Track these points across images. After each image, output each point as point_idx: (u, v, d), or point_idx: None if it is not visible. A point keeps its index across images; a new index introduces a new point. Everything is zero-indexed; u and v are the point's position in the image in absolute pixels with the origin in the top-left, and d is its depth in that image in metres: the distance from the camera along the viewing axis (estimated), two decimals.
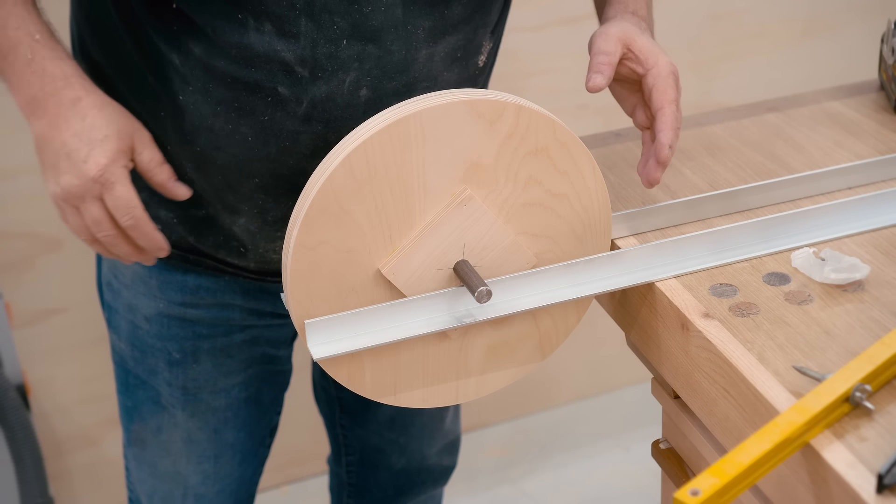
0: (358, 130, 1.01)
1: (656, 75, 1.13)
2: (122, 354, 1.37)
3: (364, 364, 1.07)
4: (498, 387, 1.15)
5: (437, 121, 1.01)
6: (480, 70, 1.24)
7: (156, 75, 1.15)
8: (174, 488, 1.41)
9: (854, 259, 1.08)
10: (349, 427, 1.62)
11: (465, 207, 1.05)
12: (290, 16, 1.09)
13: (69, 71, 1.10)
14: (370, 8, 1.10)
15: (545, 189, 1.07)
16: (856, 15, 2.38)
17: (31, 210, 1.91)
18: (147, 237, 1.11)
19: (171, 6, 1.11)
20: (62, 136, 1.08)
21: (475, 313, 1.07)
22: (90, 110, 1.08)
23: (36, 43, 1.09)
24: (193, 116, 1.15)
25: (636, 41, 1.14)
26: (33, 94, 1.09)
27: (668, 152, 1.12)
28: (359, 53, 1.12)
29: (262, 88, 1.12)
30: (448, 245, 1.06)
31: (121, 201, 1.08)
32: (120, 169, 1.08)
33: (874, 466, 0.86)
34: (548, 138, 1.05)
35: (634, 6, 1.22)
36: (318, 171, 1.02)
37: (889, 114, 1.39)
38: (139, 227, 1.10)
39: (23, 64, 1.09)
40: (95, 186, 1.07)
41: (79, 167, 1.07)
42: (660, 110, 1.12)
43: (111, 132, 1.08)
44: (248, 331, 1.34)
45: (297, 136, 1.15)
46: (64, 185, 1.08)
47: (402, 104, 1.02)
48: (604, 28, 1.16)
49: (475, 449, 2.37)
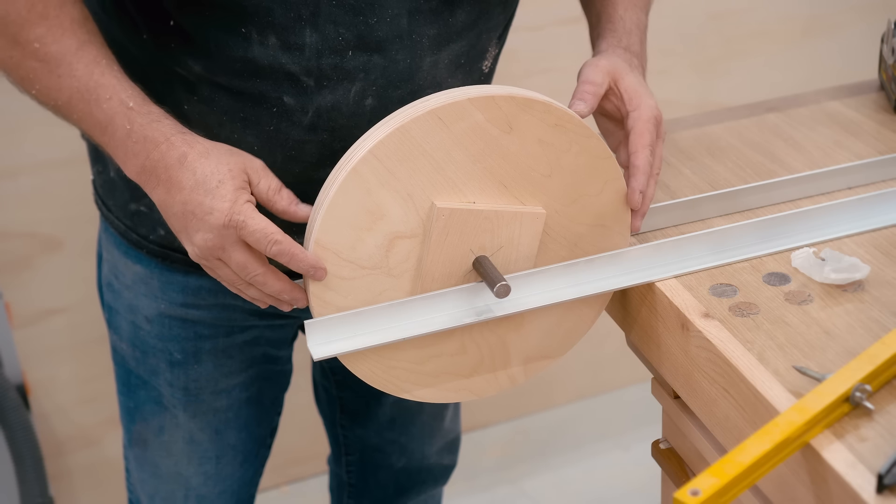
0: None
1: (636, 118, 1.12)
2: (123, 355, 1.37)
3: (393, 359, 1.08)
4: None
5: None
6: (486, 76, 1.24)
7: (162, 84, 1.15)
8: (176, 489, 1.41)
9: (854, 259, 1.08)
10: (349, 427, 1.62)
11: (533, 220, 1.07)
12: (294, 28, 1.08)
13: (168, 131, 1.07)
14: (375, 19, 1.10)
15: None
16: (856, 15, 2.38)
17: (31, 210, 1.91)
18: (296, 259, 1.04)
19: (168, 24, 1.10)
20: (181, 196, 1.05)
21: (493, 308, 1.09)
22: (198, 162, 1.05)
23: (131, 111, 1.07)
24: (199, 126, 1.14)
25: (624, 79, 1.14)
26: (141, 163, 1.07)
27: (639, 198, 1.11)
28: (364, 64, 1.11)
29: (267, 99, 1.12)
30: (488, 238, 1.07)
31: (258, 234, 1.03)
32: (244, 206, 1.04)
33: (874, 466, 0.86)
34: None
35: (627, 41, 1.21)
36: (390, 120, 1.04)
37: (889, 114, 1.39)
38: (286, 252, 1.03)
39: (123, 136, 1.07)
40: (229, 232, 1.04)
41: (206, 221, 1.04)
42: (633, 154, 1.11)
43: (223, 175, 1.05)
44: (248, 331, 1.34)
45: (302, 145, 1.15)
46: (199, 243, 1.05)
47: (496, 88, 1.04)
48: (594, 59, 1.16)
49: (475, 449, 2.37)
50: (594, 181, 1.09)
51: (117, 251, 1.32)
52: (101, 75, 1.07)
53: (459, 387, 1.14)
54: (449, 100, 1.01)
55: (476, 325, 1.09)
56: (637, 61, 1.19)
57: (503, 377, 1.15)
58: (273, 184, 1.08)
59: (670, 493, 1.23)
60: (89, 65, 1.07)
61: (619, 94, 1.14)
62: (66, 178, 1.88)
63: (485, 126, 1.02)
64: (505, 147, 1.04)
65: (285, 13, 1.07)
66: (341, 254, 1.03)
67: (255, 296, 1.09)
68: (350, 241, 1.03)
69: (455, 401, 1.16)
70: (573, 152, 1.06)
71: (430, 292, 1.07)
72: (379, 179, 1.02)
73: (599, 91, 1.12)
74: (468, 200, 1.05)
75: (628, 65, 1.16)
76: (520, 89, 1.04)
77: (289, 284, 1.07)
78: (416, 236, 1.05)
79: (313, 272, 1.04)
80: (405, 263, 1.06)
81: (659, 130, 1.14)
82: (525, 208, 1.07)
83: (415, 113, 1.01)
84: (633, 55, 1.19)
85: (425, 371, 1.11)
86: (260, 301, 1.10)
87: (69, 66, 1.07)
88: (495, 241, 1.07)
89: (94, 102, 1.07)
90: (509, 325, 1.12)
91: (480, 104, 1.02)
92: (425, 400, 1.14)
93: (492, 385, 1.15)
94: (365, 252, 1.04)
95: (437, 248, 1.05)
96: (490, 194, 1.06)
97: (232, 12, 1.07)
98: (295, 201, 1.08)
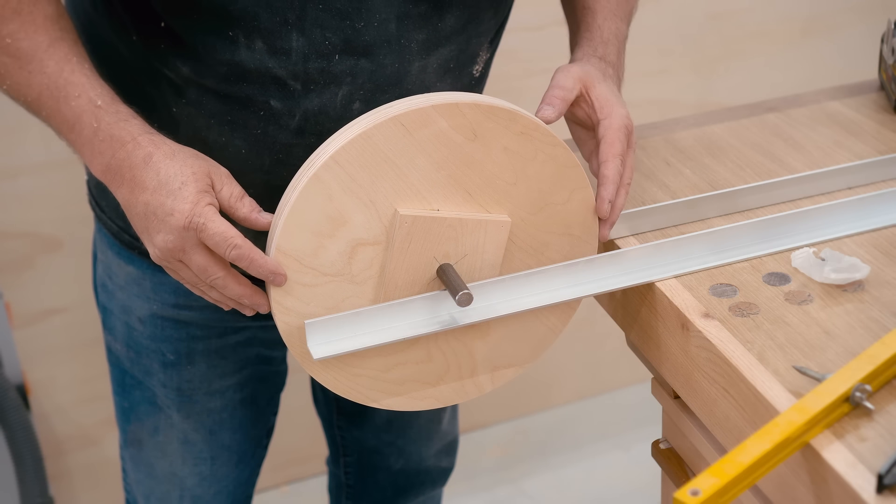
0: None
1: (607, 126, 1.12)
2: (117, 356, 1.37)
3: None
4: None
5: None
6: (477, 80, 1.23)
7: (151, 86, 1.15)
8: (171, 489, 1.41)
9: (854, 259, 1.08)
10: (346, 429, 1.62)
11: (498, 228, 1.06)
12: (281, 32, 1.08)
13: (135, 130, 1.07)
14: (363, 23, 1.09)
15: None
16: (856, 15, 2.38)
17: (31, 210, 1.91)
18: (256, 263, 1.03)
19: (159, 25, 1.10)
20: (144, 197, 1.05)
21: (457, 318, 1.07)
22: (162, 163, 1.05)
23: (98, 109, 1.07)
24: (187, 128, 1.14)
25: (595, 87, 1.13)
26: (106, 162, 1.06)
27: (607, 207, 1.10)
28: (351, 68, 1.11)
29: (254, 102, 1.12)
30: (452, 246, 1.06)
31: (218, 237, 1.03)
32: (205, 208, 1.03)
33: (874, 466, 0.86)
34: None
35: (603, 51, 1.20)
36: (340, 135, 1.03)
37: (889, 114, 1.39)
38: (245, 256, 1.03)
39: (90, 134, 1.07)
40: (189, 234, 1.03)
41: (167, 221, 1.03)
42: (603, 163, 1.11)
43: (187, 177, 1.04)
44: (242, 332, 1.34)
45: (290, 149, 1.15)
46: (160, 244, 1.05)
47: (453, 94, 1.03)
48: (567, 65, 1.15)
49: (475, 449, 2.37)
50: (561, 190, 1.08)
51: (111, 252, 1.32)
52: (71, 73, 1.07)
53: (426, 395, 1.13)
54: (412, 106, 1.00)
55: (441, 332, 1.08)
56: (612, 70, 1.19)
57: (470, 385, 1.14)
58: (236, 191, 1.07)
59: (670, 493, 1.23)
60: (60, 62, 1.07)
61: (590, 102, 1.13)
62: (66, 178, 1.88)
63: (449, 133, 1.02)
64: (469, 154, 1.03)
65: (271, 17, 1.07)
66: (303, 260, 1.03)
67: (218, 298, 1.09)
68: (312, 247, 1.03)
69: (421, 409, 1.14)
70: (539, 160, 1.06)
71: (400, 299, 1.06)
72: (341, 186, 1.01)
73: (569, 96, 1.11)
74: (432, 208, 1.04)
75: (602, 73, 1.15)
76: (485, 97, 1.03)
77: (250, 289, 1.07)
78: (379, 243, 1.04)
79: (273, 278, 1.03)
80: (368, 271, 1.05)
81: (630, 140, 1.13)
82: (490, 216, 1.06)
83: (378, 119, 1.00)
84: (608, 65, 1.19)
85: (390, 379, 1.10)
86: (223, 303, 1.10)
87: (40, 63, 1.07)
88: (459, 249, 1.06)
89: (62, 100, 1.07)
90: (475, 332, 1.11)
91: (444, 111, 1.01)
92: (391, 408, 1.13)
93: (458, 393, 1.14)
94: (327, 259, 1.03)
95: (400, 255, 1.04)
96: (454, 202, 1.05)
97: (218, 16, 1.07)
98: (257, 209, 1.07)
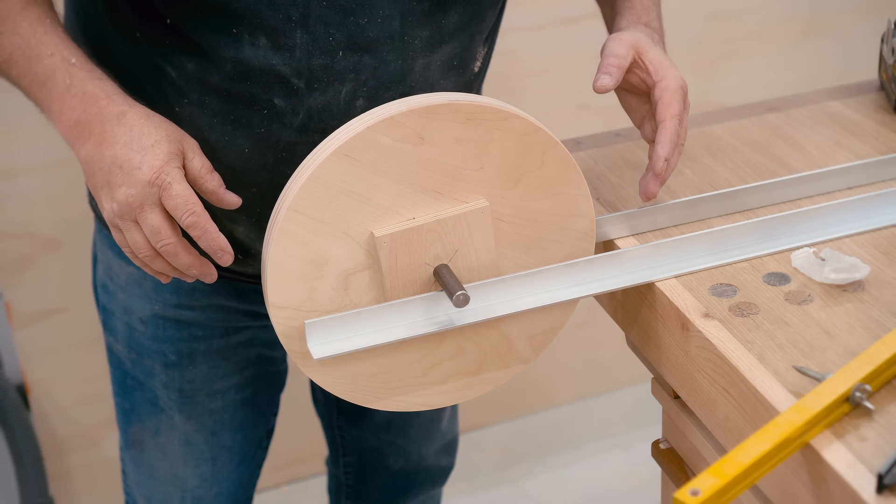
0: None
1: (664, 88, 1.13)
2: (118, 356, 1.37)
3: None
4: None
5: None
6: (477, 76, 1.24)
7: (152, 85, 1.15)
8: (172, 491, 1.41)
9: (854, 259, 1.08)
10: (346, 429, 1.62)
11: (478, 215, 1.06)
12: (285, 28, 1.08)
13: (110, 89, 1.07)
14: (366, 20, 1.10)
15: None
16: (856, 15, 2.38)
17: (31, 210, 1.91)
18: (208, 234, 1.05)
19: (164, 22, 1.10)
20: (112, 151, 1.04)
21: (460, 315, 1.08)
22: (136, 121, 1.05)
23: (72, 67, 1.07)
24: (190, 127, 1.14)
25: (648, 52, 1.14)
26: (76, 117, 1.06)
27: (663, 165, 1.11)
28: (355, 65, 1.11)
29: (258, 101, 1.12)
30: (439, 247, 1.06)
31: (180, 199, 1.03)
32: (175, 169, 1.04)
33: (874, 466, 0.86)
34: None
35: (647, 18, 1.22)
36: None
37: (889, 114, 1.39)
38: (200, 225, 1.04)
39: (62, 90, 1.07)
40: (153, 191, 1.03)
41: (133, 175, 1.03)
42: (661, 123, 1.12)
43: (160, 137, 1.05)
44: (243, 332, 1.34)
45: (294, 147, 1.15)
46: (120, 198, 1.04)
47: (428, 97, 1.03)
48: (617, 34, 1.16)
49: (475, 449, 2.37)
50: (531, 156, 1.07)
51: (111, 252, 1.32)
52: (45, 33, 1.08)
53: (472, 383, 1.13)
54: (349, 134, 1.00)
55: (467, 326, 1.09)
56: (658, 36, 1.20)
57: (512, 360, 1.14)
58: (206, 164, 1.08)
59: (670, 493, 1.23)
60: (33, 23, 1.08)
61: (644, 66, 1.14)
62: (66, 178, 1.88)
63: (395, 146, 1.01)
64: (424, 158, 1.03)
65: (275, 14, 1.07)
66: (301, 307, 1.04)
67: (161, 268, 1.08)
68: (304, 293, 1.03)
69: (474, 396, 1.15)
70: (497, 139, 1.05)
71: (430, 293, 1.07)
72: (309, 230, 1.01)
73: (624, 64, 1.12)
74: (407, 219, 1.04)
75: (650, 39, 1.16)
76: (421, 98, 1.03)
77: (198, 259, 1.08)
78: (369, 267, 1.05)
79: (220, 255, 1.05)
80: (368, 294, 1.06)
81: (685, 101, 1.14)
82: (466, 206, 1.06)
83: (320, 158, 1.00)
84: (653, 31, 1.20)
85: (430, 381, 1.11)
86: (164, 275, 1.10)
87: (13, 24, 1.08)
88: (447, 247, 1.06)
89: (34, 58, 1.07)
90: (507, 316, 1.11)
91: (382, 128, 1.00)
92: (446, 404, 1.13)
93: (504, 372, 1.14)
94: (324, 297, 1.04)
95: (391, 273, 1.05)
96: (427, 205, 1.05)
97: (222, 14, 1.07)
98: (223, 186, 1.09)
